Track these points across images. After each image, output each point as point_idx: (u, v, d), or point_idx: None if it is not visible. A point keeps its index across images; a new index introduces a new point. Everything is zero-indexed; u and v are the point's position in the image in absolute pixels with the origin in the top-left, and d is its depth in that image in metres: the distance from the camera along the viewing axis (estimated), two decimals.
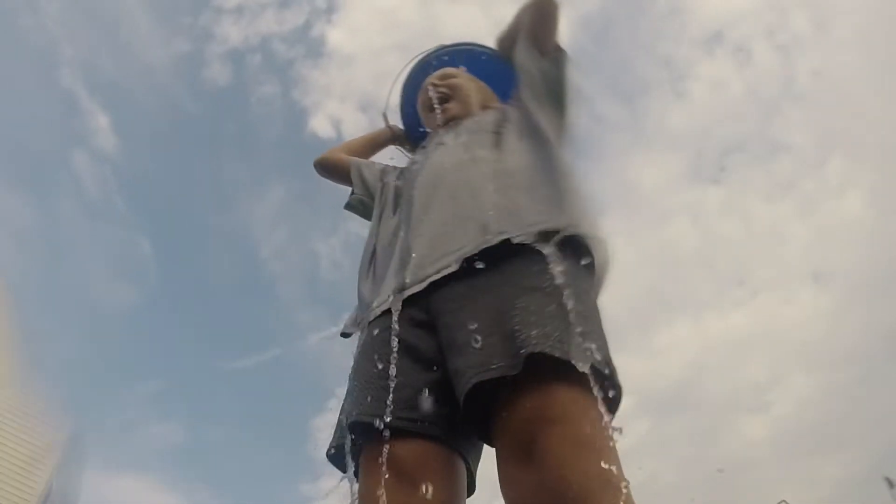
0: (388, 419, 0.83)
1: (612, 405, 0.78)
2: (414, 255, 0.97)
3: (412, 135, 1.62)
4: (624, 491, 0.68)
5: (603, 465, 0.69)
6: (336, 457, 0.91)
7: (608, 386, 0.77)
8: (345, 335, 1.07)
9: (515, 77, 1.30)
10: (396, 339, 0.88)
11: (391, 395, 0.85)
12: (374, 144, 1.65)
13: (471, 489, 0.91)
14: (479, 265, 0.88)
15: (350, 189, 1.47)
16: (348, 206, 1.46)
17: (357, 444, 0.88)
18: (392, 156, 1.64)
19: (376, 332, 0.95)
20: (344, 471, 0.89)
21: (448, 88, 1.41)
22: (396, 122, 1.66)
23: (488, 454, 0.84)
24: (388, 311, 0.94)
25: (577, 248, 0.93)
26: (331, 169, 1.58)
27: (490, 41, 1.49)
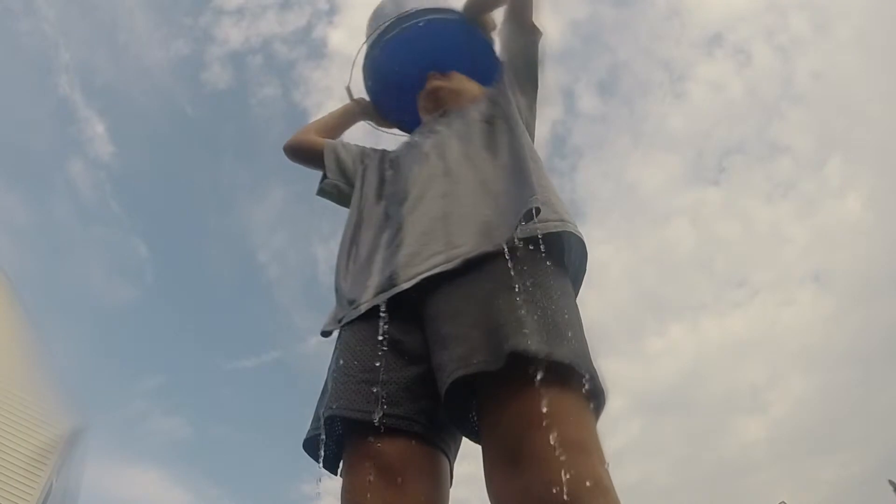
0: (370, 416, 0.82)
1: (597, 407, 0.77)
2: (404, 250, 0.94)
3: (381, 108, 1.54)
4: (612, 494, 0.67)
5: (590, 468, 0.68)
6: (311, 447, 0.90)
7: (592, 387, 0.76)
8: (325, 334, 1.02)
9: (480, 43, 1.30)
10: (381, 337, 0.86)
11: (375, 392, 0.84)
12: (342, 121, 1.56)
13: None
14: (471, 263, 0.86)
15: (322, 173, 1.38)
16: (321, 193, 1.36)
17: (336, 438, 0.87)
18: (368, 137, 1.57)
19: (359, 326, 0.93)
20: (318, 461, 0.87)
21: (443, 79, 1.40)
22: (365, 99, 1.58)
23: (474, 452, 0.84)
24: (373, 307, 0.91)
25: (560, 247, 0.92)
26: (302, 153, 1.46)
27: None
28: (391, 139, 1.63)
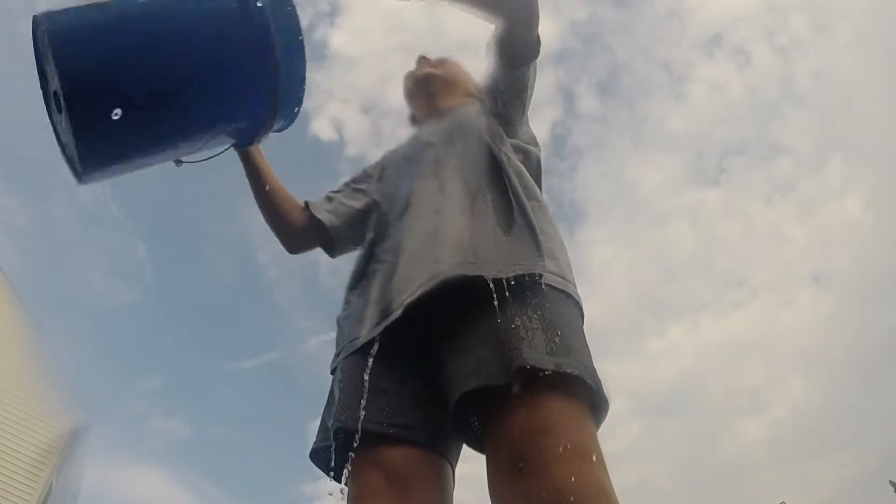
0: (378, 426, 0.84)
1: (599, 416, 0.79)
2: (398, 274, 0.93)
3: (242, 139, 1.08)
4: (613, 500, 0.69)
5: (593, 474, 0.69)
6: (318, 458, 0.92)
7: (596, 397, 0.78)
8: (334, 371, 1.01)
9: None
10: (372, 356, 0.87)
11: (378, 403, 0.86)
12: (262, 170, 1.18)
13: None
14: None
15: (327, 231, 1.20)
16: (335, 256, 1.25)
17: (343, 448, 0.88)
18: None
19: (364, 347, 0.92)
20: (326, 471, 0.89)
21: (434, 65, 1.32)
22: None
23: (474, 452, 0.86)
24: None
25: (557, 290, 0.89)
26: (305, 240, 1.24)
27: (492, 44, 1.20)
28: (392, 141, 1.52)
